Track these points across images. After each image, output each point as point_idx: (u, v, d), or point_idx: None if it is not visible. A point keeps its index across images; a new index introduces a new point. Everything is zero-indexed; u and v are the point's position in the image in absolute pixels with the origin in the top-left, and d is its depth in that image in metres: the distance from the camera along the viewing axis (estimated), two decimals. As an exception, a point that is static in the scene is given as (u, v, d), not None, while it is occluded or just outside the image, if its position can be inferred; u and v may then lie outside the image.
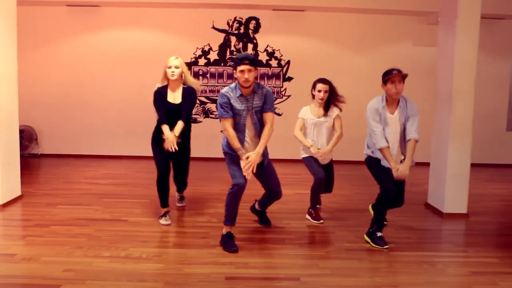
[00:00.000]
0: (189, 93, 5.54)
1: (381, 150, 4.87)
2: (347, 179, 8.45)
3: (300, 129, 5.79)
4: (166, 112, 5.44)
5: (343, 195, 7.14)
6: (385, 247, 4.90)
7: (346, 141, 7.74)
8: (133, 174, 8.56)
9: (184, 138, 5.67)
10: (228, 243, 4.75)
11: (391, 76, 4.82)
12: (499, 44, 10.39)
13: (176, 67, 5.47)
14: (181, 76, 5.55)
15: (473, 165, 6.44)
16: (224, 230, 4.87)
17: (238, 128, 4.83)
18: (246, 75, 4.63)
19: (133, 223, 5.56)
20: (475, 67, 6.14)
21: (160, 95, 5.50)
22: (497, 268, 4.49)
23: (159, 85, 5.58)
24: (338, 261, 4.59)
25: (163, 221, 5.55)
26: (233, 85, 4.86)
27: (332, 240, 5.18)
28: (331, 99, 5.72)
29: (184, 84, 5.61)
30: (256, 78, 4.86)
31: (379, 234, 5.03)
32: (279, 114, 10.14)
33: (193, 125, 9.42)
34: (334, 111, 5.75)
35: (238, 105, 4.76)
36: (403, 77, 4.87)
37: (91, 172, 8.65)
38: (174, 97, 5.51)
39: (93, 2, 9.70)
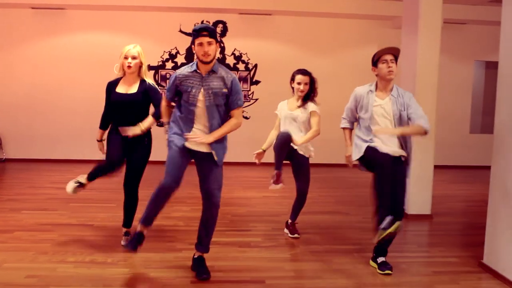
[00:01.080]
0: (154, 90, 4.79)
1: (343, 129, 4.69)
2: (315, 181, 8.42)
3: (276, 128, 5.34)
4: (113, 106, 4.80)
5: (309, 198, 7.06)
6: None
7: (313, 143, 7.79)
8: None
9: (146, 140, 4.89)
10: (131, 242, 4.16)
11: (382, 54, 4.34)
12: (462, 48, 10.63)
13: (134, 58, 4.73)
14: (139, 68, 4.81)
15: (437, 167, 6.57)
16: (138, 227, 4.18)
17: (185, 111, 4.13)
18: (205, 48, 3.99)
19: (99, 228, 5.51)
20: (437, 70, 6.27)
21: (109, 87, 4.84)
22: (458, 267, 4.61)
23: None
24: (303, 263, 4.66)
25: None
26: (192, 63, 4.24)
27: (297, 243, 5.21)
28: (312, 92, 5.24)
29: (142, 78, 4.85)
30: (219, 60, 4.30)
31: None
32: (246, 118, 10.18)
33: (160, 129, 9.34)
34: (310, 106, 5.18)
35: (188, 81, 4.09)
36: (395, 56, 4.37)
37: (57, 177, 8.54)
38: (127, 89, 4.77)
39: (59, 5, 9.60)
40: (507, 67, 4.41)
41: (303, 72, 5.24)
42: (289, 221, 5.46)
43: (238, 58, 10.32)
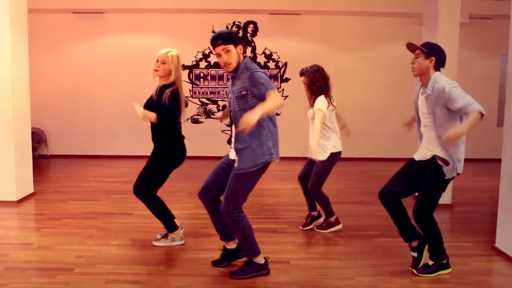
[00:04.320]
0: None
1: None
2: (342, 174, 8.84)
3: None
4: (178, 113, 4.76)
5: (336, 189, 7.53)
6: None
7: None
8: (138, 172, 8.97)
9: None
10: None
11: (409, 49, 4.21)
12: (488, 43, 10.79)
13: (163, 63, 4.67)
14: (169, 74, 4.69)
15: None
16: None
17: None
18: (224, 59, 3.86)
19: (138, 216, 5.99)
20: (456, 66, 6.52)
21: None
22: (470, 251, 4.92)
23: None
24: (325, 246, 5.05)
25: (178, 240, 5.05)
26: None
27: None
28: (315, 90, 5.26)
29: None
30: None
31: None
32: (277, 114, 10.55)
33: (194, 125, 9.87)
34: (316, 103, 5.21)
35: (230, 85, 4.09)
36: (421, 50, 4.11)
37: (98, 171, 9.11)
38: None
39: (98, 9, 10.14)
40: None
41: (300, 73, 5.40)
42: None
43: (268, 57, 10.71)
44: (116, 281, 4.06)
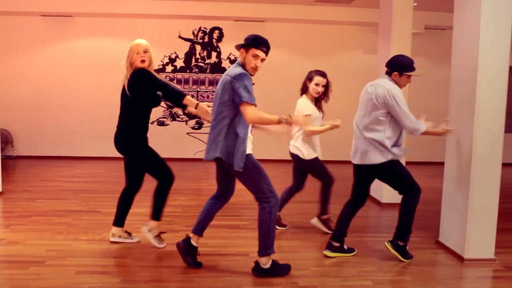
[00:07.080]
0: None
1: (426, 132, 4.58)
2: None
3: None
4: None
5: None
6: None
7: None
8: (105, 173, 9.22)
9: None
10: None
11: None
12: (442, 52, 11.28)
13: (146, 51, 4.87)
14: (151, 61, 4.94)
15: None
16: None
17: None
18: (259, 63, 4.19)
19: (106, 213, 6.23)
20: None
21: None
22: (416, 244, 5.33)
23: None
24: (283, 241, 5.39)
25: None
26: (239, 68, 4.17)
27: (281, 225, 5.92)
28: (326, 95, 5.56)
29: None
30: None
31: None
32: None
33: (160, 127, 10.09)
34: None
35: None
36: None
37: (66, 172, 9.29)
38: None
39: (66, 13, 10.33)
40: (457, 71, 5.14)
41: (323, 74, 5.54)
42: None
43: (233, 62, 11.03)
44: (86, 272, 4.33)
